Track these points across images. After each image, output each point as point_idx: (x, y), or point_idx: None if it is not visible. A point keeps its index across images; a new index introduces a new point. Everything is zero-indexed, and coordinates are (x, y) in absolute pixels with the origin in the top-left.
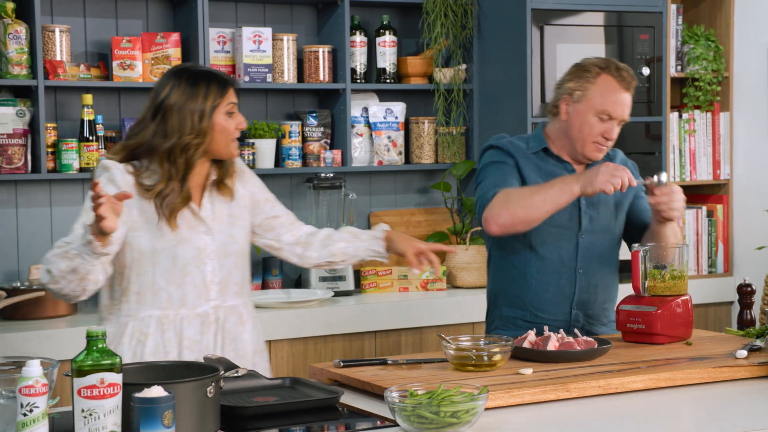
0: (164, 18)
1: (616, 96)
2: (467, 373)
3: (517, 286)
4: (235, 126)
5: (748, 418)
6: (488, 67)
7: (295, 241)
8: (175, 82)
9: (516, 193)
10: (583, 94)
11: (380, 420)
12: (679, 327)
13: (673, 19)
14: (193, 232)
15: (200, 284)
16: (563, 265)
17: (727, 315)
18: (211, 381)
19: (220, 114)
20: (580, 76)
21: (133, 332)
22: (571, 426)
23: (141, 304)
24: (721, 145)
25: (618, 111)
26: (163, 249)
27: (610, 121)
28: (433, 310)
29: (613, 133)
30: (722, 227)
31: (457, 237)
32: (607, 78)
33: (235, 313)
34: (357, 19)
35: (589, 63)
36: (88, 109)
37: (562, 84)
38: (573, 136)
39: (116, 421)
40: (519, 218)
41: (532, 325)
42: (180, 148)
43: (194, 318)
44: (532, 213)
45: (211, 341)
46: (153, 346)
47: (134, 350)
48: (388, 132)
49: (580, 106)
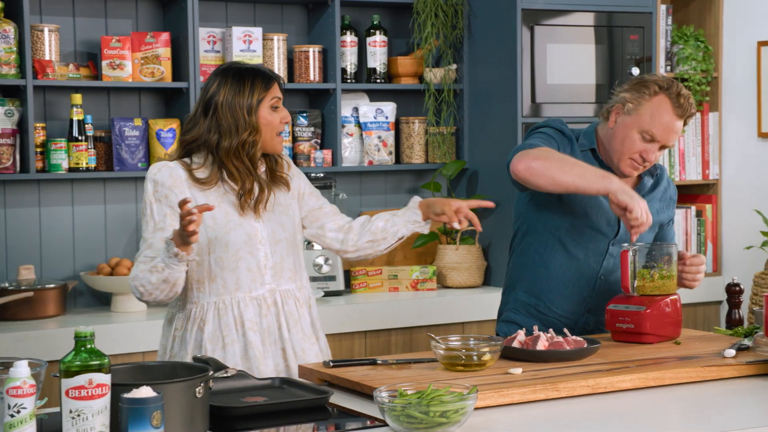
0: (154, 17)
1: (666, 119)
2: (457, 373)
3: (538, 275)
4: (280, 120)
5: (736, 417)
6: (478, 67)
7: (337, 228)
8: (222, 79)
9: (559, 154)
10: (635, 108)
11: (370, 420)
12: (668, 326)
13: (663, 20)
14: (244, 218)
15: (254, 269)
16: (588, 268)
17: (716, 314)
18: (200, 381)
19: (265, 108)
20: (638, 89)
21: (195, 318)
22: (561, 425)
23: (201, 292)
24: (710, 145)
25: (662, 134)
26: (215, 237)
27: (652, 143)
28: (423, 310)
29: (651, 155)
30: (711, 227)
31: (447, 237)
32: (663, 99)
33: (292, 296)
34: (347, 18)
35: (651, 80)
36: (77, 108)
37: (620, 92)
38: (613, 146)
39: (104, 422)
40: (549, 172)
41: (543, 317)
42: (241, 146)
43: (250, 301)
44: (563, 178)
45: (273, 323)
46: (210, 332)
47: (195, 336)
48: (378, 132)
49: (628, 119)
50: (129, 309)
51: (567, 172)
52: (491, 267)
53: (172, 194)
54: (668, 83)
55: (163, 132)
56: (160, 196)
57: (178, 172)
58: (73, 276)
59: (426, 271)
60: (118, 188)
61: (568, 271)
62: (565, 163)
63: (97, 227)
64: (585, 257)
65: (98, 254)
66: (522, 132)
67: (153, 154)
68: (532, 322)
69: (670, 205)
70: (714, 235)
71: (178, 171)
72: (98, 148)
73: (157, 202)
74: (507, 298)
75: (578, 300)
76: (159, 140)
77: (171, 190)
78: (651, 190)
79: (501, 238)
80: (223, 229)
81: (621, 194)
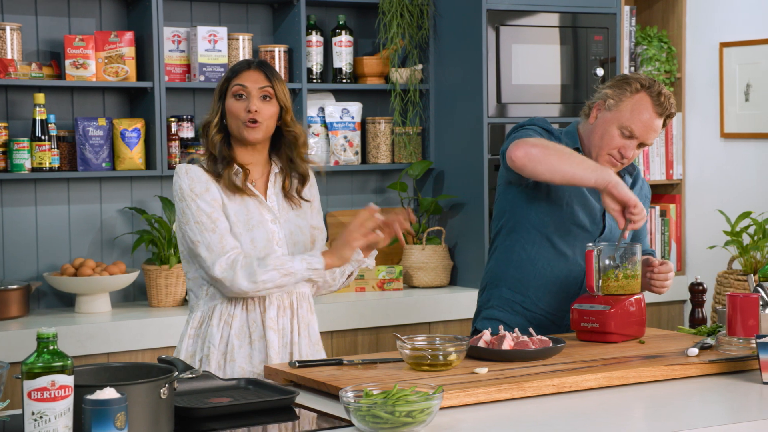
0: (118, 17)
1: (646, 116)
2: (423, 373)
3: (524, 270)
4: (244, 108)
5: (699, 414)
6: (444, 68)
7: None
8: None
9: (557, 144)
10: (616, 104)
11: (336, 420)
12: (632, 326)
13: (627, 21)
14: (263, 218)
15: None
16: (576, 265)
17: (680, 313)
18: (165, 382)
19: (230, 95)
20: (620, 86)
21: (221, 314)
22: (526, 424)
23: None
24: (673, 145)
25: (641, 131)
26: (240, 234)
27: (631, 140)
28: (390, 309)
29: (629, 151)
30: (675, 227)
31: (414, 237)
32: (644, 97)
33: (306, 300)
34: (313, 18)
35: (634, 77)
36: (40, 108)
37: (602, 89)
38: (593, 141)
39: (67, 424)
40: (548, 161)
41: (529, 313)
42: (205, 125)
43: (274, 299)
44: (562, 166)
45: (287, 326)
46: (238, 327)
47: (222, 331)
48: (344, 132)
49: (609, 115)
50: (93, 310)
51: (565, 160)
52: (457, 267)
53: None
54: (650, 82)
55: (127, 132)
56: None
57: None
58: (36, 277)
59: (392, 271)
60: (82, 188)
61: (556, 269)
62: (563, 152)
63: (60, 227)
64: (573, 254)
65: (62, 255)
66: (488, 132)
67: (117, 154)
68: (517, 318)
69: (645, 204)
70: (678, 235)
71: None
72: (62, 148)
73: (200, 198)
74: (489, 294)
75: (565, 297)
76: (123, 140)
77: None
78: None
79: (467, 238)
80: (245, 228)
81: (621, 187)
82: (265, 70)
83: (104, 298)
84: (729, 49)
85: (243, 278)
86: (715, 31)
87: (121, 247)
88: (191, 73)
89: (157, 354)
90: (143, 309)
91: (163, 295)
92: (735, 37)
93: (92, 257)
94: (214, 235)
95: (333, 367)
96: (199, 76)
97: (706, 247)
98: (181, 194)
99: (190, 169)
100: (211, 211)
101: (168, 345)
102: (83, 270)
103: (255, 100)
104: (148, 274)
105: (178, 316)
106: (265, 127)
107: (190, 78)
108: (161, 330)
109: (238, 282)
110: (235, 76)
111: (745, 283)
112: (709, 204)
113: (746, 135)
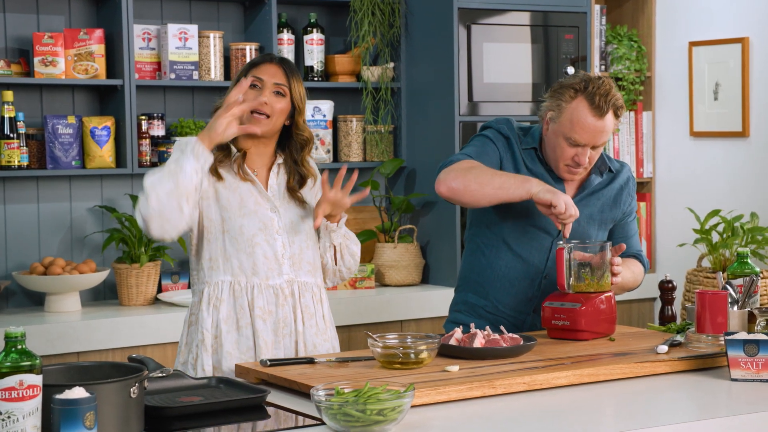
0: (87, 14)
1: (584, 123)
2: (394, 371)
3: (485, 276)
4: (253, 97)
5: (669, 411)
6: (416, 66)
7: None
8: None
9: (479, 168)
10: (556, 115)
11: (307, 418)
12: (602, 323)
13: (597, 20)
14: (260, 207)
15: (271, 257)
16: (532, 267)
17: (650, 311)
18: (135, 381)
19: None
20: (556, 97)
21: (209, 298)
22: (497, 422)
23: (214, 270)
24: (644, 143)
25: (586, 138)
26: (229, 218)
27: (582, 147)
28: (362, 308)
29: (583, 158)
30: (645, 225)
31: (386, 235)
32: (580, 103)
33: (310, 290)
34: (284, 16)
35: (567, 84)
36: (8, 105)
37: (545, 100)
38: (549, 154)
39: (36, 424)
40: (470, 190)
41: (493, 317)
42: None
43: (266, 288)
44: (484, 191)
45: (289, 314)
46: (226, 312)
47: (212, 316)
48: (316, 130)
49: (555, 127)
50: (63, 309)
51: (486, 185)
52: (429, 265)
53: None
54: (584, 84)
55: (97, 130)
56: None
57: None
58: (5, 276)
59: (364, 270)
60: (52, 187)
61: (514, 270)
62: (483, 177)
63: (29, 226)
64: (530, 256)
65: (31, 253)
66: (459, 130)
67: (87, 152)
68: (481, 323)
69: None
70: (648, 233)
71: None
72: (31, 146)
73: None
74: (457, 298)
75: (524, 299)
76: (93, 138)
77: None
78: (594, 192)
79: (439, 237)
80: (237, 213)
81: (542, 193)
82: (284, 66)
83: (74, 297)
84: (698, 48)
85: (141, 199)
86: (685, 31)
87: (91, 245)
88: (162, 71)
89: (128, 353)
90: (113, 308)
91: (133, 293)
92: (704, 37)
93: (62, 256)
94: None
95: (304, 366)
96: (170, 73)
97: (676, 245)
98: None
99: None
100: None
101: (139, 344)
102: (53, 269)
103: (268, 92)
104: (118, 273)
105: (149, 315)
106: (273, 122)
107: (160, 76)
108: (132, 329)
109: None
110: (254, 68)
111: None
112: (679, 202)
113: (715, 134)
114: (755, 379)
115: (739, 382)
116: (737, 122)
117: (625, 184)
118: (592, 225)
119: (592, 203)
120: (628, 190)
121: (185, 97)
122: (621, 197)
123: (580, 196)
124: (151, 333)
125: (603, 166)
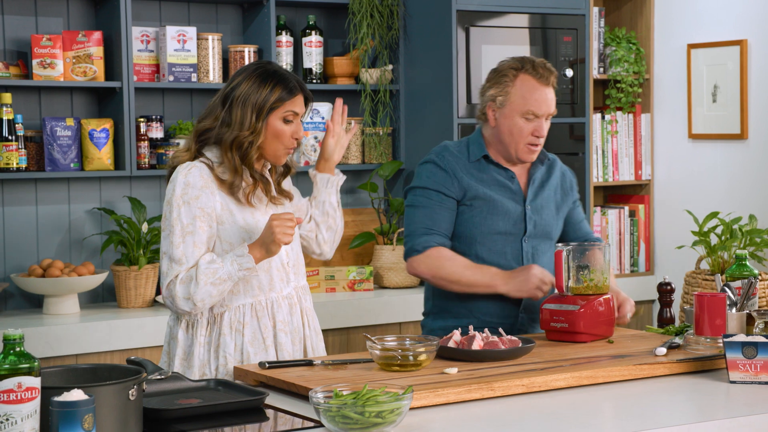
0: (86, 16)
1: (537, 93)
2: (393, 374)
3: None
4: (291, 134)
5: (667, 413)
6: (414, 68)
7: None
8: (248, 74)
9: (448, 262)
10: (506, 98)
11: (306, 421)
12: (601, 325)
13: (596, 22)
14: (265, 217)
15: (281, 267)
16: (510, 269)
17: (649, 313)
18: (133, 384)
19: (277, 116)
20: (498, 81)
21: (231, 321)
22: (496, 424)
23: (234, 294)
24: (642, 146)
25: (543, 108)
26: (250, 239)
27: (537, 119)
28: (360, 310)
29: (542, 130)
30: (644, 227)
31: (384, 237)
32: (524, 78)
33: (307, 292)
34: (283, 19)
35: (504, 67)
36: (7, 108)
37: (485, 91)
38: (505, 140)
39: (34, 426)
40: (439, 281)
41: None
42: (237, 143)
43: (282, 300)
44: (452, 286)
45: (299, 322)
46: (251, 335)
47: (235, 340)
48: (314, 132)
49: (505, 111)
50: (61, 311)
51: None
52: None
53: (204, 195)
54: (520, 62)
55: (96, 132)
56: (189, 198)
57: (206, 172)
58: (3, 278)
59: (363, 272)
60: (50, 189)
61: None
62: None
63: (28, 228)
64: (505, 260)
65: (29, 256)
66: (458, 132)
67: (86, 154)
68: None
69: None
70: (646, 235)
71: (205, 171)
72: (29, 148)
73: (186, 205)
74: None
75: (509, 304)
76: (92, 140)
77: (202, 191)
78: (543, 183)
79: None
80: (255, 229)
81: (515, 292)
82: (306, 95)
83: (73, 299)
84: (696, 50)
85: (182, 302)
86: (683, 33)
87: (90, 248)
88: (160, 73)
89: (126, 355)
90: (112, 310)
91: (132, 296)
92: (702, 39)
93: (60, 258)
94: (178, 249)
95: (303, 368)
96: (168, 76)
97: (675, 247)
98: (170, 197)
99: (191, 172)
100: (188, 223)
101: (137, 346)
102: (51, 271)
103: (298, 124)
104: (117, 275)
105: (148, 317)
106: None
107: (159, 78)
108: (130, 331)
109: (178, 305)
110: (289, 100)
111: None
112: (678, 204)
113: (713, 136)
114: (754, 382)
115: (738, 384)
116: (736, 124)
117: (562, 169)
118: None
119: (547, 194)
120: (568, 175)
121: (184, 99)
122: (566, 182)
123: (533, 189)
124: (149, 335)
125: (542, 155)
